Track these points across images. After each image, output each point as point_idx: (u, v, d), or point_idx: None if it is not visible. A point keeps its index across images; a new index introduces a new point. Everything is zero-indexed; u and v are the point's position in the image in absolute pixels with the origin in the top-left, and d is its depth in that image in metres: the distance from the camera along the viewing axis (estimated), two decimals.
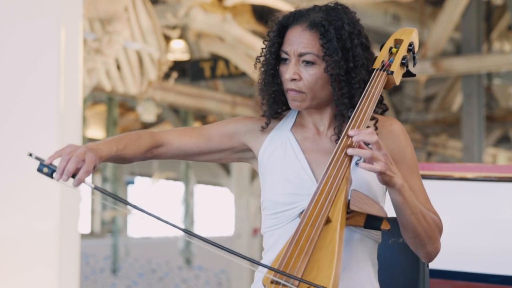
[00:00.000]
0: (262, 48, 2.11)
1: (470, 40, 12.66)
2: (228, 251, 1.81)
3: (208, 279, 12.50)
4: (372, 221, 1.91)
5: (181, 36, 11.08)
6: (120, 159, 2.01)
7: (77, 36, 4.30)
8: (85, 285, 11.93)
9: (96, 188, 1.84)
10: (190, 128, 2.14)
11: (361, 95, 2.02)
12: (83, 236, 12.87)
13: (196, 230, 13.40)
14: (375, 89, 2.03)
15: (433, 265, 2.34)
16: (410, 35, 2.15)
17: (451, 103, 15.01)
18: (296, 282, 1.78)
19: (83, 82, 6.22)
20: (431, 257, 2.04)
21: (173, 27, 10.57)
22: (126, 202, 1.84)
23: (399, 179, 1.91)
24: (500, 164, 14.48)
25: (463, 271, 3.04)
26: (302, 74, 2.03)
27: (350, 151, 1.90)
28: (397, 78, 2.10)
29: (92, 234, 14.85)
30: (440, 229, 2.03)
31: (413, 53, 2.15)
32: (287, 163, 2.06)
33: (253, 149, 2.13)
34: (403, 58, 2.11)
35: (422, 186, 2.07)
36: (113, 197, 1.86)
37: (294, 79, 2.03)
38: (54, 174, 1.85)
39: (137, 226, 16.56)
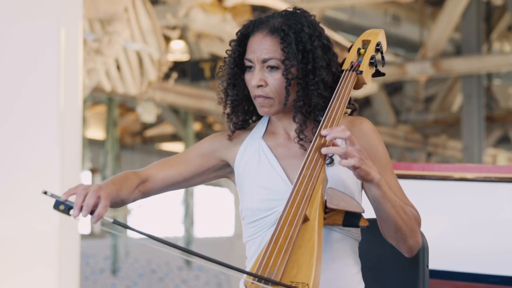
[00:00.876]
0: (224, 58, 2.15)
1: (470, 40, 12.66)
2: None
3: (208, 280, 12.50)
4: (350, 219, 1.92)
5: (181, 37, 11.08)
6: (118, 201, 2.02)
7: (77, 37, 4.30)
8: (85, 286, 11.93)
9: (115, 222, 1.84)
10: (168, 159, 2.16)
11: (320, 96, 2.06)
12: (83, 236, 12.86)
13: (196, 231, 13.38)
14: (345, 89, 2.07)
15: (433, 265, 2.34)
16: (377, 35, 2.19)
17: (451, 104, 15.02)
18: (277, 277, 1.79)
19: (83, 83, 6.22)
20: (413, 250, 2.05)
21: (173, 28, 10.57)
22: (145, 234, 1.84)
23: (376, 174, 1.92)
24: (500, 164, 14.48)
25: (463, 271, 3.04)
26: (268, 80, 2.06)
27: (324, 150, 1.92)
28: (367, 78, 2.14)
29: (92, 235, 14.86)
30: (419, 222, 2.05)
31: (381, 52, 2.19)
32: (262, 170, 2.08)
33: (230, 162, 2.16)
34: (371, 58, 2.15)
35: (397, 182, 2.09)
36: (133, 230, 1.86)
37: (261, 85, 2.06)
38: (71, 211, 1.84)
39: (137, 227, 16.52)
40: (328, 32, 2.13)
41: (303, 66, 2.05)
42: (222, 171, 2.18)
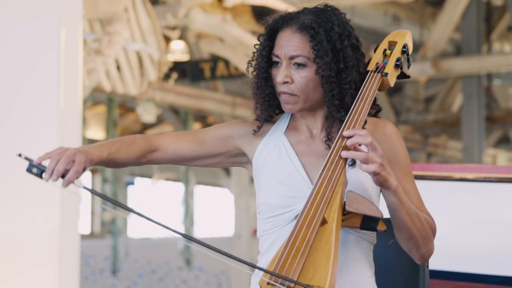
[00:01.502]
0: (253, 52, 2.12)
1: (470, 40, 12.66)
2: (226, 255, 1.81)
3: (208, 280, 12.50)
4: (368, 222, 1.91)
5: (181, 37, 11.08)
6: (112, 163, 2.00)
7: (77, 37, 4.30)
8: (85, 286, 11.93)
9: (85, 188, 1.84)
10: (185, 133, 2.15)
11: (351, 96, 2.03)
12: (83, 236, 12.86)
13: (196, 231, 13.39)
14: (369, 90, 2.05)
15: (433, 265, 2.34)
16: (404, 37, 2.16)
17: (451, 104, 15.01)
18: (292, 284, 1.78)
19: (83, 83, 6.22)
20: (425, 258, 2.04)
21: (173, 28, 10.57)
22: (117, 203, 1.84)
23: (394, 181, 1.91)
24: (500, 164, 14.48)
25: (463, 271, 3.04)
26: (294, 77, 2.03)
27: (344, 153, 1.90)
28: (392, 80, 2.11)
29: (92, 235, 14.86)
30: (434, 231, 2.03)
31: (407, 55, 2.16)
32: (282, 166, 2.06)
33: (247, 153, 2.14)
34: (397, 60, 2.12)
35: (416, 188, 2.07)
36: (103, 197, 1.85)
37: (286, 82, 2.03)
38: (44, 174, 1.84)
39: (137, 227, 16.56)
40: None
41: (335, 65, 2.02)
42: (237, 159, 2.16)
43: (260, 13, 10.72)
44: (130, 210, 1.85)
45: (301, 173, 2.04)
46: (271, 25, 2.09)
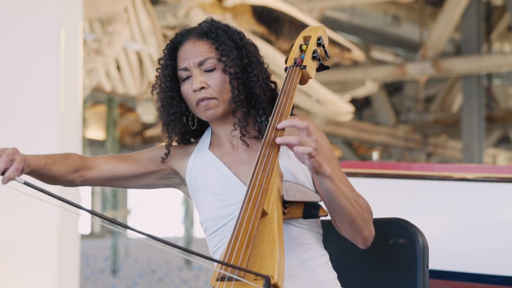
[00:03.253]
0: (156, 76, 2.17)
1: (470, 40, 12.67)
2: (182, 249, 1.83)
3: (208, 280, 12.50)
4: (309, 210, 1.94)
5: None
6: (48, 175, 2.04)
7: (77, 37, 4.30)
8: (85, 286, 11.93)
9: (26, 183, 1.86)
10: (118, 154, 2.19)
11: (261, 89, 2.10)
12: (83, 236, 12.86)
13: (196, 231, 13.40)
14: (291, 84, 2.09)
15: (433, 265, 2.34)
16: (317, 30, 2.22)
17: (451, 104, 15.02)
18: (242, 273, 1.79)
19: (83, 83, 6.22)
20: (368, 241, 2.05)
21: (173, 28, 10.57)
22: (63, 199, 1.86)
23: (328, 167, 1.92)
24: (500, 164, 14.48)
25: (464, 271, 3.04)
26: (208, 82, 2.08)
27: (278, 139, 1.92)
28: (311, 72, 2.15)
29: (92, 235, 14.87)
30: (371, 212, 2.05)
31: (323, 46, 2.21)
32: (214, 179, 2.11)
33: (180, 173, 2.18)
34: (314, 52, 2.16)
35: (346, 177, 2.10)
36: (45, 192, 1.86)
37: (202, 88, 2.08)
38: None
39: (137, 227, 16.53)
40: (328, 32, 2.16)
41: (239, 62, 2.09)
42: (171, 180, 2.21)
43: (260, 13, 10.73)
44: (78, 207, 1.87)
45: (233, 180, 2.08)
46: (169, 45, 2.15)
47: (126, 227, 1.85)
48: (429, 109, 15.08)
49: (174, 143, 2.21)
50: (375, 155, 5.66)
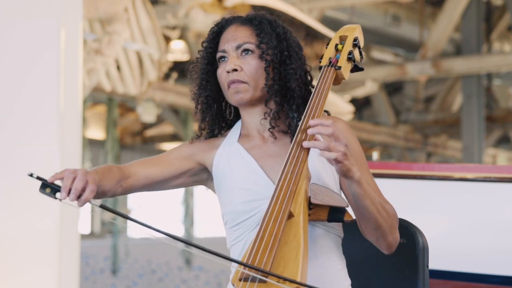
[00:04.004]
0: (196, 58, 2.17)
1: (470, 40, 12.67)
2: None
3: (208, 280, 12.50)
4: (335, 214, 1.92)
5: (181, 37, 11.08)
6: (100, 192, 1.99)
7: (77, 37, 4.30)
8: (85, 286, 11.93)
9: (102, 206, 1.82)
10: (149, 158, 2.16)
11: (297, 82, 2.09)
12: (83, 236, 12.86)
13: (196, 231, 13.39)
14: (324, 84, 2.08)
15: (433, 265, 2.34)
16: (354, 31, 2.20)
17: (451, 104, 15.02)
18: (265, 278, 1.78)
19: (83, 83, 6.22)
20: (392, 247, 2.05)
21: (173, 28, 10.58)
22: (131, 219, 1.82)
23: (357, 171, 1.91)
24: (500, 164, 14.48)
25: (464, 271, 3.04)
26: (242, 65, 2.08)
27: (305, 143, 1.91)
28: (345, 73, 2.14)
29: (92, 235, 14.86)
30: (397, 219, 2.04)
31: (359, 47, 2.19)
32: (241, 172, 2.09)
33: (208, 166, 2.16)
34: (349, 53, 2.15)
35: (374, 180, 2.09)
36: (120, 214, 1.83)
37: (235, 70, 2.08)
38: (58, 194, 1.84)
39: (137, 227, 16.52)
40: (328, 32, 2.16)
41: (279, 53, 2.09)
42: (200, 176, 2.19)
43: None
44: (147, 226, 1.83)
45: (261, 175, 2.06)
46: (213, 29, 2.17)
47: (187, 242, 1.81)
48: (429, 109, 15.08)
49: (204, 133, 2.19)
50: (375, 155, 5.66)
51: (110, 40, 9.22)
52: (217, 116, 2.18)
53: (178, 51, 10.69)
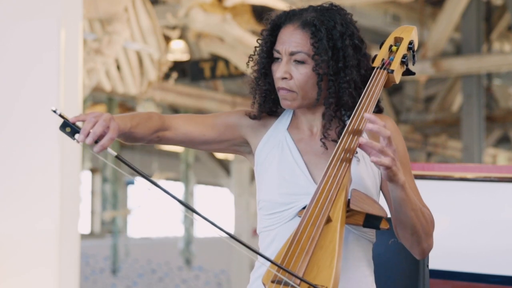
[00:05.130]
0: (255, 47, 2.11)
1: (470, 40, 12.66)
2: (244, 245, 1.79)
3: (208, 280, 12.50)
4: (371, 220, 1.91)
5: (181, 37, 11.08)
6: (130, 137, 1.98)
7: (77, 37, 4.30)
8: (85, 286, 11.93)
9: (117, 157, 1.78)
10: (196, 116, 2.13)
11: (350, 95, 2.02)
12: (83, 236, 12.86)
13: (196, 231, 13.40)
14: (375, 87, 2.04)
15: (433, 265, 2.34)
16: (410, 33, 2.15)
17: (451, 104, 15.01)
18: (298, 281, 1.77)
19: (83, 83, 6.22)
20: (425, 253, 2.03)
21: (173, 28, 10.57)
22: (145, 176, 1.77)
23: (402, 176, 1.90)
24: (500, 164, 14.47)
25: (464, 271, 3.04)
26: (293, 73, 2.03)
27: (362, 140, 1.87)
28: (397, 77, 2.10)
29: (92, 235, 14.86)
30: (433, 225, 2.03)
31: (413, 51, 2.15)
32: (284, 163, 2.05)
33: (251, 145, 2.13)
34: (403, 57, 2.11)
35: (415, 183, 2.07)
36: (134, 168, 1.78)
37: (285, 78, 2.03)
38: (77, 135, 1.80)
39: (137, 227, 16.55)
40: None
41: (334, 64, 2.02)
42: (241, 148, 2.15)
43: (260, 13, 10.72)
44: (161, 187, 1.77)
45: (304, 171, 2.03)
46: (274, 20, 2.09)
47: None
48: (429, 109, 15.07)
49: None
50: None
51: (110, 40, 9.22)
52: (272, 105, 2.12)
53: (178, 51, 10.69)
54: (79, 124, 1.84)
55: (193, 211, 1.81)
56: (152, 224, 16.70)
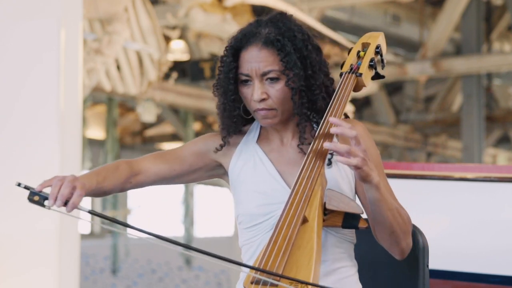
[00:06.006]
0: (217, 75, 2.11)
1: (470, 40, 12.67)
2: (214, 256, 1.79)
3: (208, 280, 12.50)
4: (349, 220, 1.92)
5: (181, 37, 11.08)
6: (100, 192, 2.01)
7: (77, 37, 4.30)
8: (85, 285, 11.93)
9: (91, 212, 1.83)
10: (162, 153, 2.15)
11: (323, 99, 2.05)
12: (83, 236, 12.86)
13: (196, 231, 13.39)
14: (344, 91, 2.06)
15: (433, 265, 2.34)
16: (377, 38, 2.18)
17: (451, 104, 15.02)
18: (276, 281, 1.78)
19: (83, 82, 6.22)
20: (405, 253, 2.04)
21: (173, 28, 10.57)
22: (125, 224, 1.82)
23: (376, 176, 1.91)
24: (500, 164, 14.48)
25: (464, 271, 3.04)
26: (269, 92, 2.03)
27: (327, 144, 1.89)
28: (366, 80, 2.12)
29: (92, 235, 14.85)
30: (411, 224, 2.04)
31: (381, 55, 2.18)
32: (258, 175, 2.08)
33: (224, 164, 2.15)
34: (371, 60, 2.13)
35: (389, 184, 2.08)
36: (111, 220, 1.83)
37: (263, 99, 2.03)
38: (46, 201, 1.85)
39: (137, 226, 16.51)
40: (328, 32, 2.12)
41: (303, 73, 2.03)
42: (215, 171, 2.18)
43: (260, 12, 10.72)
44: (141, 231, 1.83)
45: (278, 180, 2.05)
46: (233, 45, 2.08)
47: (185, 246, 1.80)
48: (429, 109, 15.07)
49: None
50: None
51: (110, 40, 9.22)
52: (238, 123, 2.14)
53: (178, 51, 10.69)
54: (46, 190, 1.88)
55: (165, 239, 1.84)
56: (152, 224, 16.70)
